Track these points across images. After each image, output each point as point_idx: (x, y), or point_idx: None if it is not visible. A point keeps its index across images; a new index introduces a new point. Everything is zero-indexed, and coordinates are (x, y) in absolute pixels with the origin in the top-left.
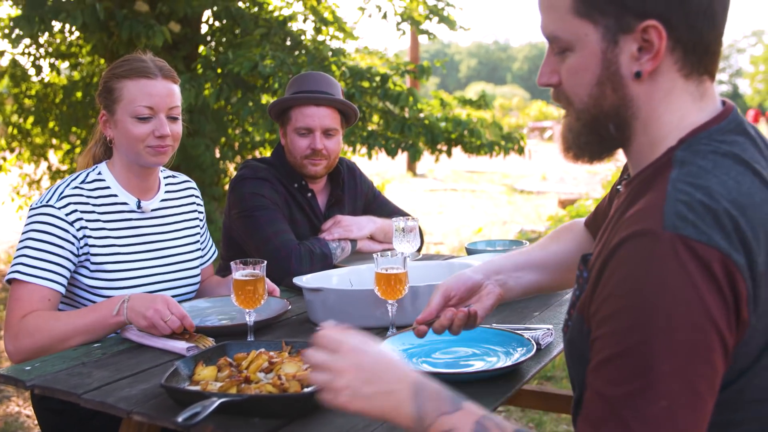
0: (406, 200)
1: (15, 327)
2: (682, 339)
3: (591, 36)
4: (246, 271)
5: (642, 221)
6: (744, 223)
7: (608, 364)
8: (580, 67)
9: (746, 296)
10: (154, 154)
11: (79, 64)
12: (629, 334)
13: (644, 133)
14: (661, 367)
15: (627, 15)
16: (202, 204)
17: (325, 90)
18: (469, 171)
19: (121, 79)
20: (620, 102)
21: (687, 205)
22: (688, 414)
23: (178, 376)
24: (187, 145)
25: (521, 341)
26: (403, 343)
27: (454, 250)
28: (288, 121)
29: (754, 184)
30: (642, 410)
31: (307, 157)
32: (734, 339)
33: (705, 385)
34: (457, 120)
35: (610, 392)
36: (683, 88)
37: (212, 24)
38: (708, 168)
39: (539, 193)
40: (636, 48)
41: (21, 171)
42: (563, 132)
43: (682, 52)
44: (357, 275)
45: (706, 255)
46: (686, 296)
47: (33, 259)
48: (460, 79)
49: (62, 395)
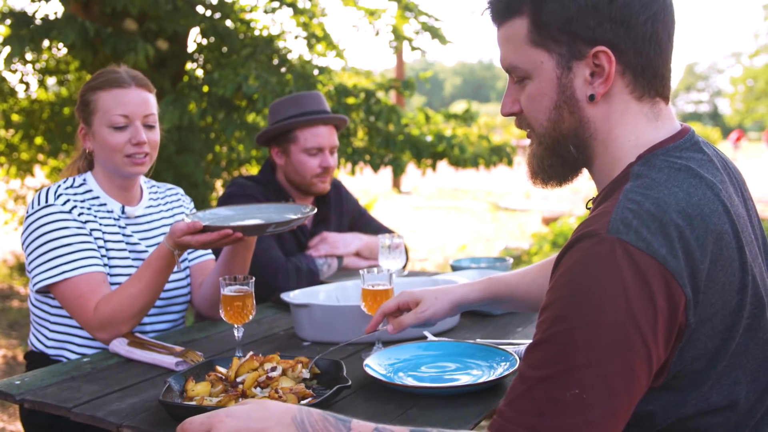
0: (391, 217)
1: (93, 321)
2: (603, 335)
3: (546, 63)
4: (234, 286)
5: (591, 225)
6: (689, 232)
7: (534, 349)
8: (538, 93)
9: (684, 303)
10: (132, 165)
11: (66, 81)
12: (556, 322)
13: (605, 153)
14: (578, 357)
15: (578, 42)
16: (191, 208)
17: (324, 109)
18: (454, 188)
19: (96, 91)
20: (578, 124)
21: (633, 213)
22: (598, 407)
23: (172, 392)
24: (177, 162)
25: (505, 356)
26: (389, 358)
27: (438, 266)
28: (293, 141)
29: (706, 196)
30: (554, 394)
31: (317, 176)
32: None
33: (620, 384)
34: (440, 135)
35: (529, 374)
36: (637, 109)
37: (200, 42)
38: (661, 180)
39: (523, 211)
40: (588, 73)
41: (7, 186)
42: (528, 160)
43: (632, 75)
44: (343, 291)
45: (643, 262)
46: (615, 296)
47: (65, 255)
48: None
49: (52, 409)
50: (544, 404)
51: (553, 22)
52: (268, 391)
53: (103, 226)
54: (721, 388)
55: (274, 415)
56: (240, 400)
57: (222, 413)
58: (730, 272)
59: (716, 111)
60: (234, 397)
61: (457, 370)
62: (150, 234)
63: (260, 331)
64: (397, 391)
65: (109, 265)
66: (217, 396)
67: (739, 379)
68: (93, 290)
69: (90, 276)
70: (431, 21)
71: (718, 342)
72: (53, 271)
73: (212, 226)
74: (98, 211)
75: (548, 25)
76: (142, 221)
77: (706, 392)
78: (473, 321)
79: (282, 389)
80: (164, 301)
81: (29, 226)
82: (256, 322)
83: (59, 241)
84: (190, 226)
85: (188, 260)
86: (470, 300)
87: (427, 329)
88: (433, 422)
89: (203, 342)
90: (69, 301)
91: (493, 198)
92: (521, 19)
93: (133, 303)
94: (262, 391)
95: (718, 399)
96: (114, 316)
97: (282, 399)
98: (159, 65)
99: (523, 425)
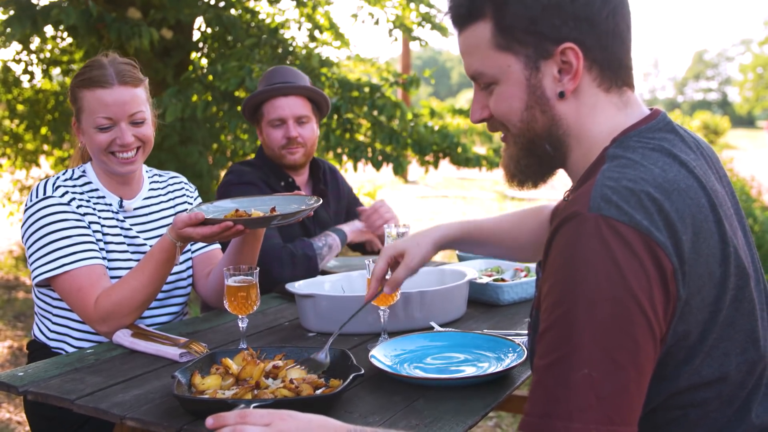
0: (397, 207)
1: (94, 314)
2: (603, 311)
3: (514, 66)
4: (239, 277)
5: (572, 207)
6: (668, 205)
7: (541, 339)
8: (508, 95)
9: (672, 271)
10: (120, 165)
11: (71, 71)
12: (556, 308)
13: (579, 146)
14: (582, 336)
15: (545, 42)
16: (195, 196)
17: (291, 80)
18: (461, 178)
19: (81, 89)
20: (551, 122)
21: (612, 189)
22: (608, 382)
23: (182, 387)
24: (181, 153)
25: (512, 347)
26: (395, 349)
27: (445, 256)
28: (261, 117)
29: (680, 173)
30: (563, 377)
31: (284, 147)
32: (664, 316)
33: (626, 357)
34: (444, 132)
35: (538, 363)
36: (607, 100)
37: (204, 31)
38: (636, 159)
39: (530, 200)
40: (556, 70)
41: (12, 177)
42: (504, 163)
43: (599, 69)
44: (349, 281)
45: (628, 234)
46: (607, 271)
47: (65, 248)
48: (452, 86)
49: (56, 401)
50: (555, 389)
51: (517, 23)
52: (279, 382)
53: (102, 219)
54: (712, 361)
55: (333, 426)
56: (255, 392)
57: (284, 413)
58: (712, 244)
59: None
60: (249, 389)
61: (464, 361)
62: (149, 226)
63: (265, 322)
64: (403, 383)
65: (107, 259)
66: (228, 389)
67: (728, 350)
68: (93, 283)
69: (90, 269)
70: (433, 11)
71: (707, 315)
72: (53, 264)
73: (213, 218)
74: (97, 204)
75: (512, 27)
76: (140, 213)
77: (698, 366)
78: (480, 311)
79: (296, 380)
80: (165, 293)
81: (28, 219)
82: (261, 312)
83: (58, 233)
84: (191, 218)
85: (191, 251)
86: (449, 238)
87: (433, 320)
88: (440, 414)
89: (207, 333)
90: (69, 295)
91: (500, 187)
92: (484, 23)
93: (134, 296)
94: (274, 382)
95: (709, 372)
96: (115, 309)
97: (297, 390)
98: (163, 54)
99: (538, 414)
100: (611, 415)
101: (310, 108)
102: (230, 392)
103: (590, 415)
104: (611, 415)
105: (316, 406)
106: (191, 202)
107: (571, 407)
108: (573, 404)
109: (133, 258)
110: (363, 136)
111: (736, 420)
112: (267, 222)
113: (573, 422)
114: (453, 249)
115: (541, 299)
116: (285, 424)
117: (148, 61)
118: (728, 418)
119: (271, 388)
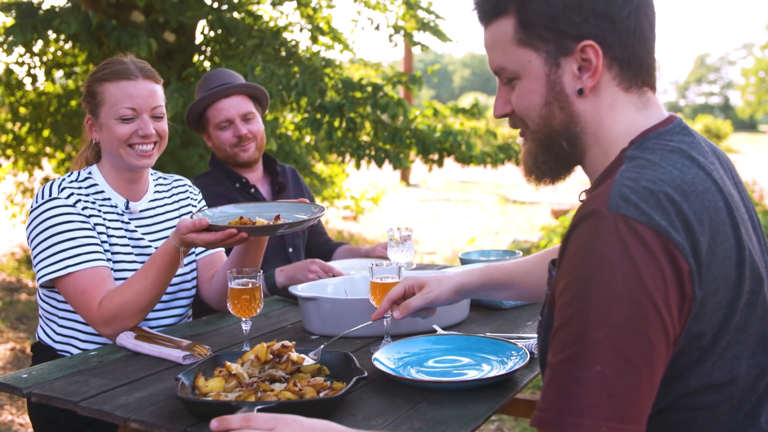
0: (399, 210)
1: (98, 317)
2: (618, 310)
3: (534, 62)
4: (242, 279)
5: (591, 204)
6: (686, 207)
7: (555, 336)
8: (528, 91)
9: (689, 272)
10: (138, 158)
11: (73, 73)
12: (571, 305)
13: (597, 144)
14: (596, 334)
15: (565, 38)
16: (199, 199)
17: (229, 81)
18: (462, 181)
19: (102, 83)
20: (569, 119)
21: (631, 189)
22: (621, 381)
23: (185, 389)
24: (182, 155)
25: (515, 350)
26: (398, 352)
27: (447, 259)
28: (207, 122)
29: (699, 175)
30: (576, 374)
31: (236, 146)
32: (678, 316)
33: (639, 356)
34: (448, 130)
35: (552, 360)
36: (626, 100)
37: (207, 34)
38: (655, 160)
39: (532, 204)
40: (576, 67)
41: (15, 179)
42: (523, 158)
43: (619, 67)
44: (352, 284)
45: (646, 234)
46: (624, 270)
47: (69, 249)
48: (454, 90)
49: (59, 403)
50: (568, 385)
51: (539, 20)
52: (284, 385)
53: (107, 221)
54: (723, 363)
55: (336, 431)
56: (258, 395)
57: (288, 417)
58: (728, 247)
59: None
60: (252, 392)
61: (467, 365)
62: (154, 229)
63: (268, 325)
64: (406, 386)
65: (112, 260)
66: (232, 391)
67: (739, 354)
68: (97, 285)
69: (94, 271)
70: (431, 17)
71: (721, 317)
72: (57, 265)
73: (218, 225)
74: (102, 206)
75: (534, 23)
76: (145, 215)
77: (710, 367)
78: (483, 314)
79: (300, 383)
80: (169, 296)
81: (33, 220)
82: (264, 315)
83: (63, 235)
84: (196, 224)
85: (195, 254)
86: (471, 285)
87: (436, 323)
88: (443, 417)
89: (211, 335)
90: (73, 296)
91: (502, 191)
92: (507, 18)
93: (138, 299)
94: (279, 386)
95: (720, 374)
96: (119, 312)
97: (301, 393)
98: (166, 57)
99: (550, 409)
100: (621, 413)
101: (253, 104)
102: (234, 395)
103: (601, 412)
104: (621, 414)
105: (319, 409)
106: (195, 204)
107: (582, 404)
108: (585, 401)
109: (138, 260)
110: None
111: (745, 424)
112: (271, 231)
113: (584, 419)
114: (475, 297)
115: (556, 296)
116: (288, 429)
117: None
118: (738, 421)
119: (276, 391)
